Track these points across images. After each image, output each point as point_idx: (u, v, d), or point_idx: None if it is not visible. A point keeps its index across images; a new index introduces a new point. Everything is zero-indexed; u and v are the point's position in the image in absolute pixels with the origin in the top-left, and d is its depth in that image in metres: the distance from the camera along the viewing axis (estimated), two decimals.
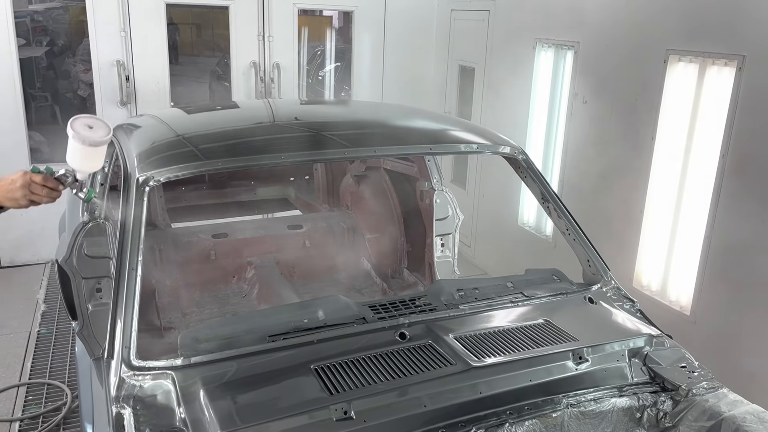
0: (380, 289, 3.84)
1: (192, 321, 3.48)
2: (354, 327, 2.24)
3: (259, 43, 5.85)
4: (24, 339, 4.47)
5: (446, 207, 3.65)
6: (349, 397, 1.89)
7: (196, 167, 2.39)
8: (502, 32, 5.42)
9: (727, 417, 2.00)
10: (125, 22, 5.44)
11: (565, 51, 4.73)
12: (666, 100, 3.89)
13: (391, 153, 3.06)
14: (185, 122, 3.17)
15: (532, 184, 2.83)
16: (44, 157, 5.93)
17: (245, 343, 2.11)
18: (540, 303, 2.49)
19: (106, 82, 5.52)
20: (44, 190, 2.03)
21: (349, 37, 6.83)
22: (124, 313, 2.07)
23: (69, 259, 2.69)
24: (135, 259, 2.15)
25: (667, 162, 3.92)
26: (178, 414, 1.86)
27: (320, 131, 2.81)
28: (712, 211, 3.61)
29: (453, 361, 2.08)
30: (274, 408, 1.86)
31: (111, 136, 2.04)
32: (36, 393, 3.92)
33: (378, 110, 3.89)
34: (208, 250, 3.88)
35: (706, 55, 3.60)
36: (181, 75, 5.95)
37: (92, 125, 2.01)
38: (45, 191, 2.03)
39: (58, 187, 2.07)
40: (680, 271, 3.90)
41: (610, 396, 2.12)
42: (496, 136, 2.87)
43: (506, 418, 1.96)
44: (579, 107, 4.58)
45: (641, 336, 2.32)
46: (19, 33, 5.33)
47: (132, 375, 1.97)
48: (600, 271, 2.67)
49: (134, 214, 2.24)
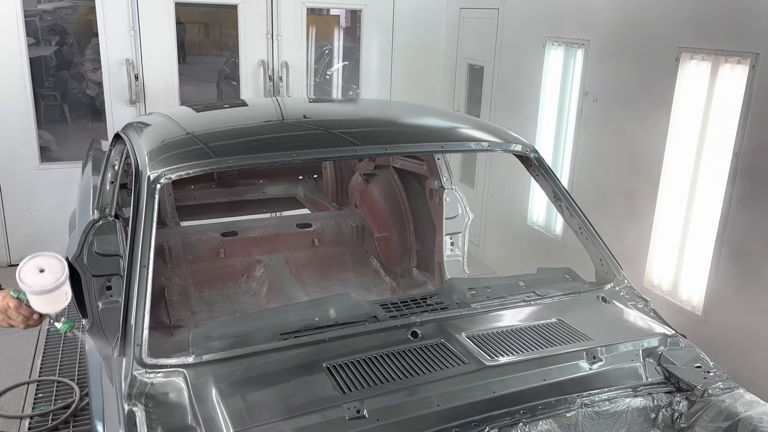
0: (389, 288, 3.83)
1: (201, 319, 3.48)
2: (365, 325, 2.23)
3: (267, 42, 5.85)
4: (34, 337, 4.47)
5: (456, 206, 3.63)
6: (361, 396, 1.87)
7: (207, 165, 2.38)
8: (512, 31, 5.40)
9: (743, 417, 1.98)
10: (134, 20, 5.44)
11: (576, 49, 4.70)
12: (678, 98, 3.86)
13: (402, 151, 3.05)
14: (195, 120, 3.17)
15: (543, 183, 2.81)
16: (53, 155, 5.96)
17: (257, 341, 2.10)
18: (552, 302, 2.47)
19: (115, 81, 5.53)
20: (19, 317, 2.04)
21: (356, 36, 6.83)
22: (135, 310, 2.07)
23: (79, 257, 2.69)
24: (146, 256, 2.14)
25: (679, 161, 3.90)
26: (191, 412, 1.85)
27: (330, 129, 2.80)
28: (724, 209, 3.58)
29: (466, 360, 2.07)
30: (287, 406, 1.85)
31: (66, 274, 1.98)
32: (46, 390, 3.93)
33: (388, 108, 3.87)
34: (218, 249, 3.88)
35: (718, 53, 3.57)
36: (189, 74, 5.96)
37: (43, 266, 1.97)
38: (20, 318, 2.04)
39: (32, 315, 2.05)
40: (692, 270, 3.87)
41: (624, 396, 2.10)
42: (508, 134, 2.85)
43: (520, 418, 1.94)
44: (589, 106, 4.56)
45: (655, 335, 2.30)
46: (28, 32, 5.34)
47: (144, 373, 1.96)
48: (613, 270, 2.65)
49: (145, 211, 2.23)
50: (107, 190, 3.06)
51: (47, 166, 5.60)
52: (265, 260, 3.90)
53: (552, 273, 2.67)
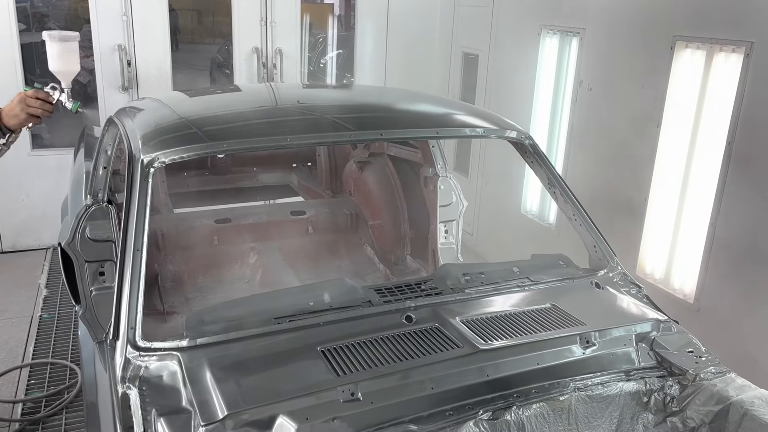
0: (383, 276, 3.83)
1: (195, 305, 3.48)
2: (360, 310, 2.23)
3: (261, 29, 5.81)
4: (26, 324, 4.46)
5: (450, 193, 3.64)
6: (356, 379, 1.88)
7: (201, 149, 2.37)
8: (507, 19, 5.39)
9: (735, 401, 2.00)
10: (127, 6, 5.40)
11: (571, 38, 4.70)
12: (672, 87, 3.86)
13: (397, 136, 3.04)
14: (189, 105, 3.15)
15: (538, 170, 2.81)
16: (45, 142, 5.92)
17: (251, 325, 2.10)
18: (546, 288, 2.48)
19: (108, 67, 5.49)
20: (37, 102, 2.44)
21: (350, 25, 6.80)
22: (129, 293, 2.06)
23: (72, 242, 2.68)
24: (140, 239, 2.13)
25: (673, 149, 3.90)
26: (185, 395, 1.85)
27: (325, 114, 2.79)
28: (717, 198, 3.59)
29: (460, 344, 2.07)
30: (281, 389, 1.84)
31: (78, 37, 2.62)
32: (39, 377, 3.92)
33: (383, 94, 3.86)
34: (211, 236, 3.87)
35: (713, 41, 3.57)
36: (181, 62, 5.92)
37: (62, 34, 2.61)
38: (38, 102, 2.44)
39: (48, 98, 2.49)
40: (684, 258, 3.89)
41: (617, 380, 2.11)
42: (503, 120, 2.85)
43: (513, 401, 1.94)
44: (584, 94, 4.56)
45: (648, 321, 2.31)
46: (18, 18, 5.29)
47: (138, 356, 1.96)
48: (606, 257, 2.66)
49: (139, 195, 2.22)
50: (100, 176, 3.04)
51: (38, 153, 5.56)
52: (258, 247, 3.89)
53: (546, 259, 2.68)
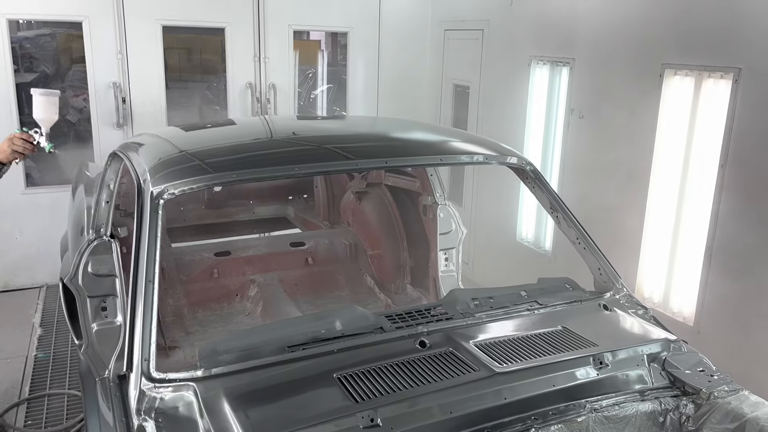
0: (384, 305, 3.83)
1: (196, 340, 3.44)
2: (372, 336, 2.23)
3: (255, 64, 5.88)
4: (21, 363, 4.38)
5: (450, 221, 3.66)
6: (375, 405, 1.87)
7: (209, 180, 2.38)
8: (497, 51, 5.49)
9: (750, 418, 2.01)
10: (122, 44, 5.45)
11: (561, 67, 4.80)
12: (663, 113, 3.94)
13: (402, 164, 3.06)
14: (188, 139, 3.16)
15: (540, 194, 2.84)
16: (36, 181, 5.89)
17: (265, 354, 2.09)
18: (555, 311, 2.50)
19: (102, 104, 5.51)
20: (20, 141, 2.95)
21: (338, 60, 6.90)
22: (142, 325, 2.04)
23: (74, 277, 2.66)
24: (152, 271, 2.13)
25: (666, 174, 3.97)
26: (202, 426, 1.83)
27: (327, 144, 2.81)
28: (712, 221, 3.65)
29: (476, 367, 2.07)
30: (300, 416, 1.83)
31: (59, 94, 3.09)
32: (36, 414, 3.83)
33: (381, 124, 3.91)
34: (211, 269, 3.86)
35: (701, 68, 3.67)
36: (170, 100, 5.95)
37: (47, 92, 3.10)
38: (21, 142, 2.95)
39: (30, 139, 2.98)
40: (682, 282, 3.93)
41: (632, 400, 2.12)
42: (504, 147, 2.90)
43: (532, 424, 1.94)
44: (576, 122, 4.64)
45: (659, 341, 2.32)
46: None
47: (152, 387, 1.94)
48: (611, 279, 2.69)
49: (150, 226, 2.22)
50: (102, 210, 3.03)
51: (32, 191, 5.54)
52: (258, 279, 3.88)
53: (552, 283, 2.69)
